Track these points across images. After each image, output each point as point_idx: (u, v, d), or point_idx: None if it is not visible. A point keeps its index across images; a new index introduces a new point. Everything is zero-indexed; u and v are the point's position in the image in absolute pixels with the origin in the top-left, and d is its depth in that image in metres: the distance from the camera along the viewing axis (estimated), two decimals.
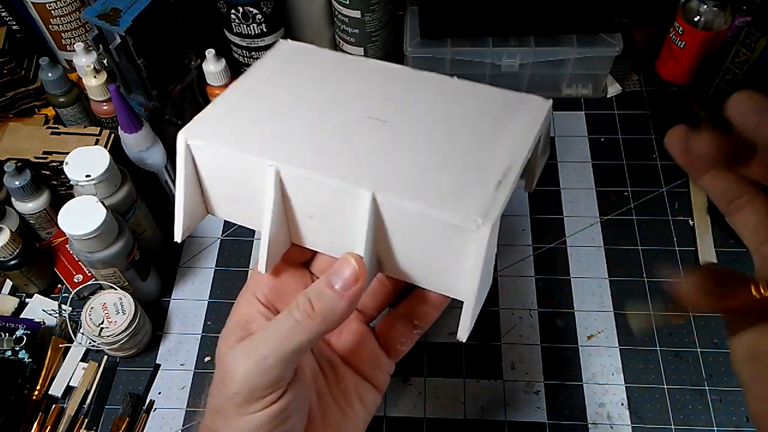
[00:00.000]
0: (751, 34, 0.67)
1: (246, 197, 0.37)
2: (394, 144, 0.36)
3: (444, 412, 0.59)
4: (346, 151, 0.36)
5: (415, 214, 0.32)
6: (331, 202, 0.34)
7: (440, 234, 0.33)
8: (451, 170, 0.35)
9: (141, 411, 0.60)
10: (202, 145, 0.36)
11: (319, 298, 0.33)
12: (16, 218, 0.63)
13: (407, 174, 0.34)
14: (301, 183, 0.34)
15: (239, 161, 0.35)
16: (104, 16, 0.60)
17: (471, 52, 0.75)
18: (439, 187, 0.33)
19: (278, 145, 0.36)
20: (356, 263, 0.33)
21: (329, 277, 0.33)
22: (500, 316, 0.64)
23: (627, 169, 0.74)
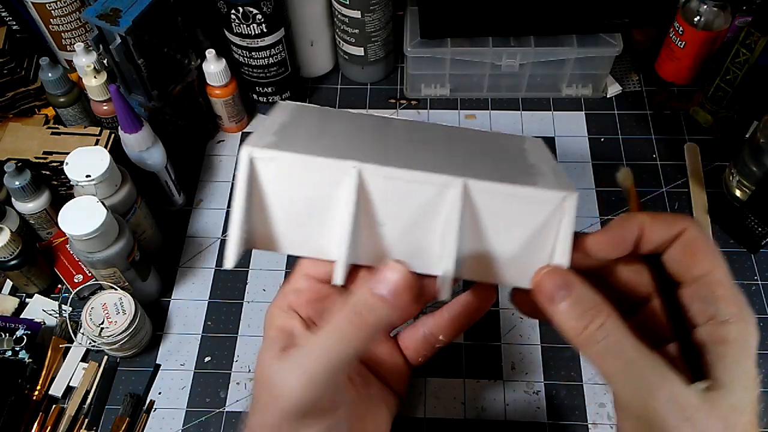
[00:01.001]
0: (751, 34, 0.67)
1: (314, 215, 0.34)
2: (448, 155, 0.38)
3: (444, 412, 0.59)
4: (412, 157, 0.36)
5: (504, 196, 0.33)
6: (413, 201, 0.34)
7: (527, 214, 0.34)
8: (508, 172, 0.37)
9: (141, 411, 0.60)
10: (273, 156, 0.33)
11: (367, 310, 0.32)
12: (17, 218, 0.63)
13: (480, 172, 0.35)
14: (381, 184, 0.33)
15: (315, 169, 0.33)
16: (104, 16, 0.60)
17: (471, 52, 0.75)
18: (511, 178, 0.35)
19: (349, 152, 0.35)
20: (406, 270, 0.33)
21: (374, 289, 0.32)
22: (500, 316, 0.64)
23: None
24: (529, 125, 0.78)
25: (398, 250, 0.35)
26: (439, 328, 0.42)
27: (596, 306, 0.30)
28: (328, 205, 0.34)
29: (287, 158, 0.33)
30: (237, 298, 0.66)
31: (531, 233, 0.34)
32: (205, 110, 0.75)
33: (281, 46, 0.72)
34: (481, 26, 0.74)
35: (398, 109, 0.80)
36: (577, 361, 0.61)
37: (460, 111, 0.80)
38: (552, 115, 0.79)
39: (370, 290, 0.33)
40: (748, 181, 0.67)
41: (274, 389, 0.33)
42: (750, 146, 0.65)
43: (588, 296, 0.31)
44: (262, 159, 0.33)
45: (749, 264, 0.66)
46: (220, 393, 0.61)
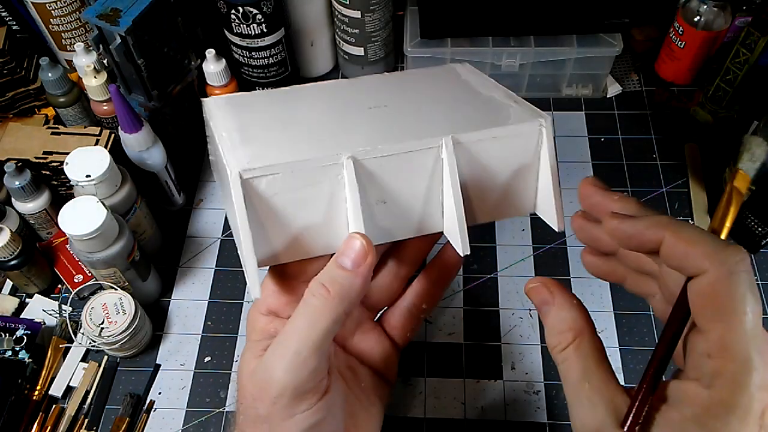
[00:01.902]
0: (751, 34, 0.67)
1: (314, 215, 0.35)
2: (418, 114, 0.40)
3: (444, 412, 0.59)
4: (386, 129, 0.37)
5: (488, 140, 0.36)
6: (409, 171, 0.35)
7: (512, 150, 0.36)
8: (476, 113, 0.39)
9: (141, 411, 0.60)
10: (261, 174, 0.32)
11: (332, 281, 0.33)
12: (17, 218, 0.63)
13: (454, 124, 0.37)
14: (375, 164, 0.34)
15: (308, 172, 0.33)
16: (104, 16, 0.60)
17: (471, 52, 0.75)
18: (484, 122, 0.37)
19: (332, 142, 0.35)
20: (363, 239, 0.33)
21: (337, 259, 0.33)
22: (500, 316, 0.64)
23: (627, 169, 0.74)
24: None
25: (401, 223, 0.36)
26: (420, 297, 0.43)
27: (566, 329, 0.31)
28: (333, 201, 0.34)
29: (278, 169, 0.33)
30: (237, 298, 0.66)
31: (518, 165, 0.37)
32: None
33: (281, 46, 0.72)
34: (481, 26, 0.74)
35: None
36: None
37: None
38: (552, 115, 0.79)
39: (333, 262, 0.33)
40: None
41: (262, 381, 0.33)
42: None
43: (561, 317, 0.31)
44: (253, 178, 0.33)
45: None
46: (220, 393, 0.61)
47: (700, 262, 0.26)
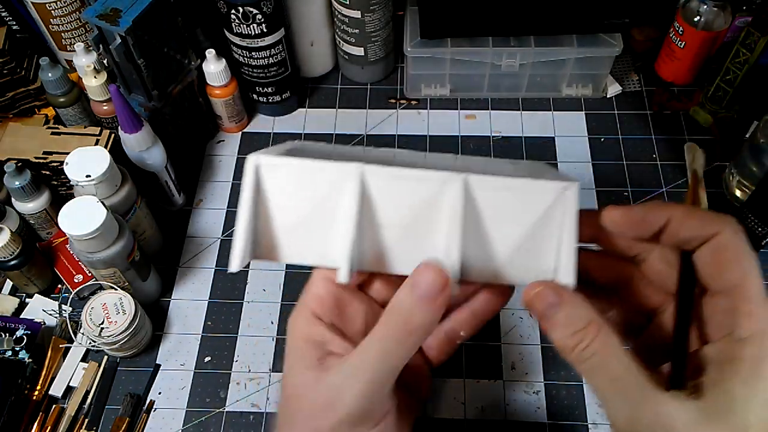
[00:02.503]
0: (751, 34, 0.67)
1: (317, 221, 0.35)
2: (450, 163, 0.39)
3: (444, 412, 0.59)
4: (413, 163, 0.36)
5: (505, 189, 0.34)
6: (415, 200, 0.34)
7: (529, 208, 0.34)
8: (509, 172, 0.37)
9: (141, 411, 0.60)
10: (277, 163, 0.34)
11: (411, 313, 0.32)
12: (17, 218, 0.63)
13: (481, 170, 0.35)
14: (383, 185, 0.34)
15: (317, 173, 0.34)
16: (104, 16, 0.60)
17: (471, 52, 0.75)
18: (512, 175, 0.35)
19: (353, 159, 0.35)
20: (440, 269, 0.33)
21: (414, 290, 0.33)
22: (500, 316, 0.64)
23: (627, 169, 0.74)
24: (529, 125, 0.78)
25: (402, 253, 0.35)
26: (460, 324, 0.41)
27: (585, 325, 0.30)
28: (331, 209, 0.34)
29: (292, 163, 0.34)
30: (237, 298, 0.66)
31: (534, 228, 0.34)
32: (205, 110, 0.75)
33: (281, 46, 0.72)
34: (481, 26, 0.74)
35: (398, 109, 0.80)
36: None
37: (460, 111, 0.80)
38: (552, 115, 0.79)
39: (409, 293, 0.33)
40: (748, 181, 0.67)
41: (329, 399, 0.32)
42: (750, 146, 0.65)
43: (577, 315, 0.31)
44: (267, 166, 0.34)
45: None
46: (220, 393, 0.61)
47: (715, 226, 0.29)
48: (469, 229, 0.34)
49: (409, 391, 0.41)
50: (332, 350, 0.35)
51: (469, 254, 0.35)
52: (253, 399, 0.60)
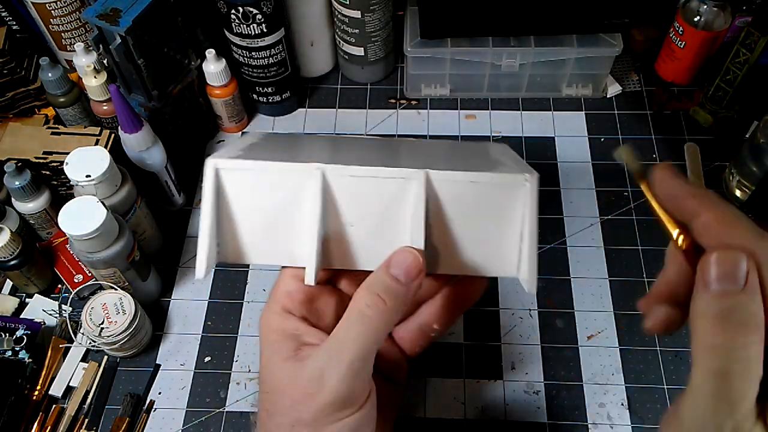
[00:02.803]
0: (751, 34, 0.67)
1: (282, 223, 0.35)
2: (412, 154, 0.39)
3: (444, 412, 0.59)
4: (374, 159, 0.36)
5: (466, 183, 0.34)
6: (378, 198, 0.34)
7: (491, 201, 0.34)
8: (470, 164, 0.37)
9: (141, 411, 0.60)
10: (236, 167, 0.34)
11: (387, 292, 0.33)
12: (16, 218, 0.63)
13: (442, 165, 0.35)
14: (346, 183, 0.34)
15: (278, 174, 0.34)
16: (104, 16, 0.60)
17: (471, 52, 0.75)
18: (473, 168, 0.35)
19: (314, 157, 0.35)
20: (417, 253, 0.33)
21: (391, 270, 0.33)
22: (500, 316, 0.64)
23: (627, 169, 0.74)
24: (529, 125, 0.78)
25: (368, 250, 0.35)
26: (433, 317, 0.42)
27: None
28: (295, 210, 0.34)
29: (251, 166, 0.34)
30: (237, 298, 0.66)
31: (496, 221, 0.35)
32: (205, 110, 0.75)
33: (281, 46, 0.72)
34: (481, 26, 0.74)
35: (398, 109, 0.80)
36: (577, 361, 0.61)
37: (460, 111, 0.80)
38: (552, 115, 0.79)
39: (386, 271, 0.33)
40: (748, 181, 0.67)
41: (310, 388, 0.33)
42: (750, 146, 0.65)
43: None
44: (226, 169, 0.34)
45: None
46: (220, 393, 0.61)
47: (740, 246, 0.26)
48: (432, 223, 0.34)
49: (387, 379, 0.42)
50: (307, 341, 0.35)
51: (434, 248, 0.35)
52: (253, 399, 0.60)
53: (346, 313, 0.33)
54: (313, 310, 0.37)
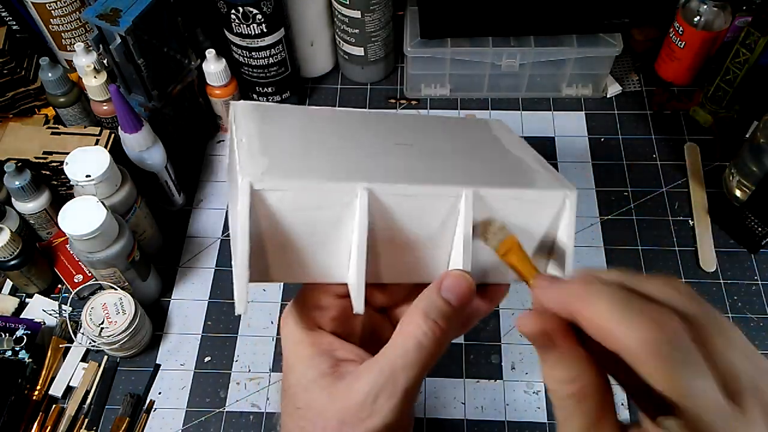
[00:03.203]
0: (751, 34, 0.67)
1: (323, 240, 0.33)
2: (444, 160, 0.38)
3: (444, 412, 0.59)
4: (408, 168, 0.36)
5: (509, 199, 0.34)
6: (423, 214, 0.33)
7: (530, 216, 0.35)
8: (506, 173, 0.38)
9: (141, 411, 0.60)
10: (273, 187, 0.31)
11: (443, 317, 0.32)
12: (16, 218, 0.63)
13: (480, 177, 0.35)
14: (391, 201, 0.33)
15: (323, 193, 0.32)
16: (104, 16, 0.60)
17: (471, 52, 0.75)
18: (509, 182, 0.36)
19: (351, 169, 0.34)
20: (470, 278, 0.32)
21: (444, 294, 0.32)
22: (500, 316, 0.64)
23: (627, 169, 0.74)
24: (529, 125, 0.78)
25: (409, 264, 0.35)
26: None
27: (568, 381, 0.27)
28: (337, 227, 0.33)
29: (292, 186, 0.31)
30: None
31: (534, 231, 0.35)
32: (205, 110, 0.75)
33: (281, 46, 0.72)
34: (481, 26, 0.74)
35: (398, 109, 0.80)
36: None
37: (460, 111, 0.80)
38: (552, 115, 0.79)
39: (439, 295, 0.32)
40: (748, 181, 0.67)
41: (360, 411, 0.31)
42: (750, 146, 0.65)
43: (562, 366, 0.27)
44: (263, 190, 0.31)
45: (749, 264, 0.66)
46: (220, 393, 0.61)
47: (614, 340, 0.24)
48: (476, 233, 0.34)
49: None
50: (343, 356, 0.34)
51: (480, 260, 0.35)
52: (253, 399, 0.60)
53: (401, 337, 0.32)
54: (343, 324, 0.36)
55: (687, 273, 0.66)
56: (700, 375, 0.23)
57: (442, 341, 0.32)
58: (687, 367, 0.23)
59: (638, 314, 0.24)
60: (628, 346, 0.23)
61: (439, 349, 0.32)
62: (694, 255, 0.67)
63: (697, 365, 0.23)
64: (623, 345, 0.24)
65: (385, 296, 0.38)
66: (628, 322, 0.24)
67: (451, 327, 0.32)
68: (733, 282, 0.65)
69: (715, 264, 0.66)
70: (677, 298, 0.25)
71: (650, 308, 0.24)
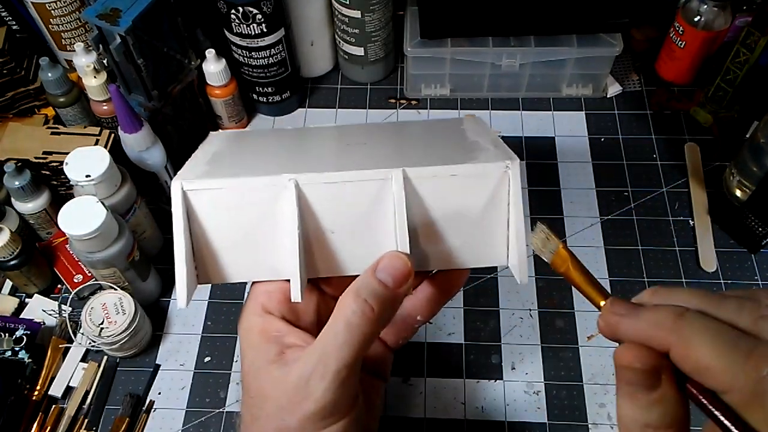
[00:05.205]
0: (751, 34, 0.67)
1: (260, 237, 0.33)
2: (386, 150, 0.38)
3: (444, 412, 0.59)
4: (350, 159, 0.35)
5: (446, 177, 0.33)
6: (356, 202, 0.33)
7: (473, 192, 0.33)
8: (449, 154, 0.36)
9: (141, 411, 0.60)
10: (204, 187, 0.32)
11: (375, 298, 0.32)
12: (16, 218, 0.63)
13: (418, 160, 0.34)
14: (322, 191, 0.33)
15: (249, 191, 0.32)
16: (104, 16, 0.60)
17: (471, 52, 0.75)
18: (452, 159, 0.34)
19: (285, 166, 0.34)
20: (406, 258, 0.32)
21: (379, 275, 0.32)
22: (500, 316, 0.64)
23: (627, 169, 0.74)
24: (528, 125, 0.78)
25: (352, 254, 0.34)
26: (416, 309, 0.41)
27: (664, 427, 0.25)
28: (272, 223, 0.33)
29: (218, 184, 0.32)
30: (237, 298, 0.66)
31: (481, 211, 0.34)
32: (205, 110, 0.75)
33: (281, 46, 0.72)
34: (481, 26, 0.74)
35: (398, 109, 0.80)
36: (577, 361, 0.61)
37: (460, 111, 0.80)
38: (552, 115, 0.79)
39: (373, 276, 0.32)
40: (748, 181, 0.67)
41: (295, 395, 0.32)
42: (750, 146, 0.65)
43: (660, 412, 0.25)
44: (194, 191, 0.32)
45: (749, 264, 0.66)
46: (220, 393, 0.61)
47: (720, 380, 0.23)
48: (416, 221, 0.33)
49: (372, 373, 0.41)
50: (290, 342, 0.34)
51: (420, 246, 0.34)
52: None
53: (332, 319, 0.32)
54: (293, 309, 0.36)
55: (687, 273, 0.66)
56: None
57: (374, 321, 0.32)
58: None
59: (735, 348, 0.23)
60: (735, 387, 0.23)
61: (373, 329, 0.32)
62: (694, 255, 0.67)
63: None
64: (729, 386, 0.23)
65: (334, 287, 0.38)
66: (728, 356, 0.23)
67: (387, 307, 0.32)
68: (733, 282, 0.65)
69: (716, 264, 0.66)
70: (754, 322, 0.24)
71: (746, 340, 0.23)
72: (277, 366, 0.33)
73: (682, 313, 0.25)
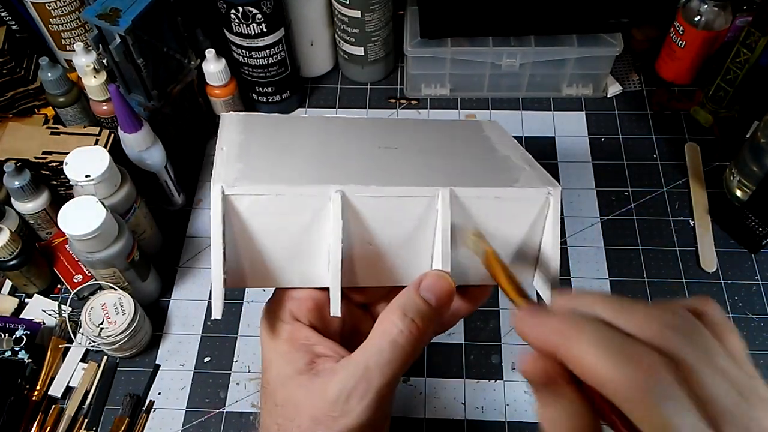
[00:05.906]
0: (751, 34, 0.67)
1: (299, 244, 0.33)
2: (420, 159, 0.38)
3: (444, 412, 0.59)
4: (389, 169, 0.35)
5: (490, 198, 0.33)
6: (399, 216, 0.33)
7: (513, 215, 0.34)
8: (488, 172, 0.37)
9: (141, 411, 0.60)
10: (245, 192, 0.31)
11: (421, 317, 0.31)
12: (16, 218, 0.63)
13: (459, 176, 0.35)
14: (366, 203, 0.32)
15: (293, 197, 0.32)
16: (104, 16, 0.60)
17: (471, 52, 0.75)
18: (490, 180, 0.35)
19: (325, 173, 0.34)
20: (450, 280, 0.32)
21: (423, 294, 0.32)
22: (500, 316, 0.64)
23: (627, 169, 0.74)
24: (529, 125, 0.78)
25: (388, 267, 0.34)
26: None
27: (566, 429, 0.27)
28: (312, 231, 0.33)
29: (261, 191, 0.32)
30: (237, 299, 0.66)
31: (517, 232, 0.35)
32: (205, 110, 0.75)
33: (281, 45, 0.72)
34: (481, 26, 0.74)
35: (398, 109, 0.80)
36: None
37: (460, 111, 0.80)
38: (552, 115, 0.79)
39: (417, 294, 0.32)
40: (748, 181, 0.67)
41: (332, 410, 0.31)
42: (750, 146, 0.65)
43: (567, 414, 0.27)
44: (235, 195, 0.32)
45: (749, 264, 0.66)
46: (219, 393, 0.61)
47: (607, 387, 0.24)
48: (458, 239, 0.34)
49: None
50: (320, 352, 0.33)
51: (459, 262, 0.34)
52: (253, 399, 0.60)
53: (376, 336, 0.32)
54: (322, 317, 0.36)
55: (687, 273, 0.66)
56: (682, 411, 0.22)
57: (418, 341, 0.31)
58: (668, 403, 0.22)
59: (619, 353, 0.24)
60: (610, 385, 0.23)
61: (416, 349, 0.32)
62: (694, 255, 0.67)
63: (678, 401, 0.23)
64: (606, 384, 0.23)
65: (363, 295, 0.38)
66: (611, 360, 0.23)
67: (429, 327, 0.32)
68: (733, 282, 0.65)
69: (716, 264, 0.66)
70: (659, 332, 0.25)
71: (632, 346, 0.24)
72: (308, 377, 0.32)
73: (571, 317, 0.26)
